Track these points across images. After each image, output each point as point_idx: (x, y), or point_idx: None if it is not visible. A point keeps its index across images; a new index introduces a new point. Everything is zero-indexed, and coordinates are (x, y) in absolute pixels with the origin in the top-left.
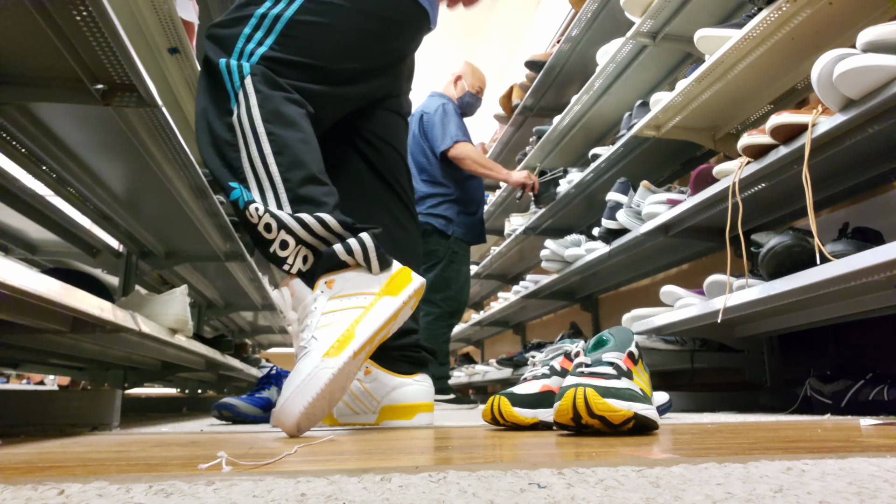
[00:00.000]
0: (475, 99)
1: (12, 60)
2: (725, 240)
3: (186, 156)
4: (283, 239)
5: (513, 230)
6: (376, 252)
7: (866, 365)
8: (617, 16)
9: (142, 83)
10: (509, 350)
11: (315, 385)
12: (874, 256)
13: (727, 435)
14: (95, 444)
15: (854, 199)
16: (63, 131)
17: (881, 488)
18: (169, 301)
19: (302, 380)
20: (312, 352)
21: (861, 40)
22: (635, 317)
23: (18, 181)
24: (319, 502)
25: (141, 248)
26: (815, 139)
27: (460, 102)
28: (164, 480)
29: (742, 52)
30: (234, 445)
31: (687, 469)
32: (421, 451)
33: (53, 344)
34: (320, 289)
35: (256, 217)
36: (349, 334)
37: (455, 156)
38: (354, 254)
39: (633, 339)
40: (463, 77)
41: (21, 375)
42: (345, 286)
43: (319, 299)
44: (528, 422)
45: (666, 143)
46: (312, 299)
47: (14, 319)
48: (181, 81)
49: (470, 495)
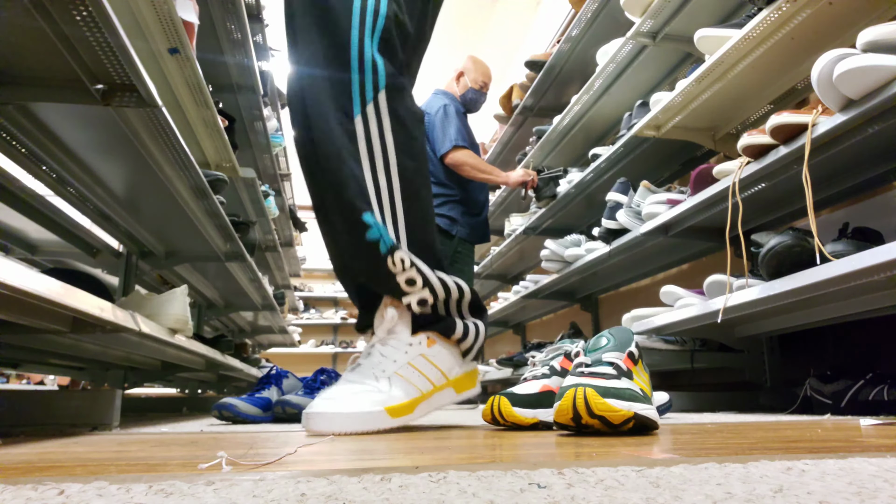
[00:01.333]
0: (479, 95)
1: (12, 60)
2: (725, 240)
3: (186, 156)
4: (420, 286)
5: (513, 230)
6: (479, 348)
7: (866, 365)
8: (617, 16)
9: (142, 83)
10: (509, 350)
11: (363, 424)
12: (874, 256)
13: (727, 435)
14: (95, 444)
15: (854, 199)
16: (63, 131)
17: (881, 488)
18: (169, 301)
19: (357, 410)
20: (383, 393)
21: (861, 40)
22: (635, 317)
23: (18, 181)
24: (319, 502)
25: (141, 248)
26: (815, 139)
27: (463, 100)
28: (164, 480)
29: (742, 52)
30: (234, 445)
31: (687, 469)
32: (421, 451)
33: (53, 344)
34: (420, 340)
35: (401, 267)
36: (412, 405)
37: (452, 163)
38: (468, 338)
39: (633, 339)
40: (465, 73)
41: (21, 375)
42: (438, 356)
43: (416, 347)
44: (528, 422)
45: (666, 143)
46: (409, 343)
47: (14, 319)
48: (181, 81)
49: (470, 495)
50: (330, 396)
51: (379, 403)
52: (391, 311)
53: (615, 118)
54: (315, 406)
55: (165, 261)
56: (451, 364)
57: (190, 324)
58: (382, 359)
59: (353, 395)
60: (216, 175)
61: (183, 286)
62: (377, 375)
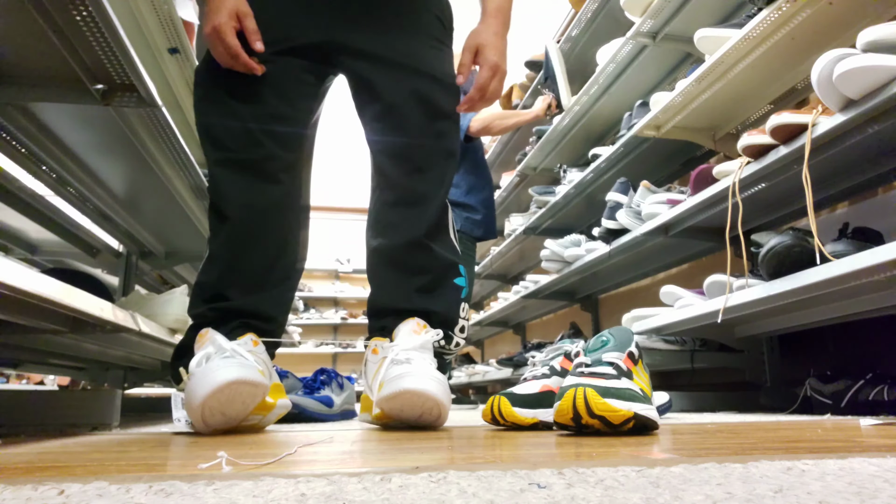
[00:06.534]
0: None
1: (12, 60)
2: (725, 240)
3: (186, 156)
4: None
5: (513, 230)
6: None
7: (866, 365)
8: (617, 16)
9: (142, 83)
10: (509, 350)
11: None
12: (874, 256)
13: (727, 435)
14: (95, 444)
15: (854, 199)
16: (63, 131)
17: (881, 488)
18: (169, 301)
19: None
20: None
21: (861, 40)
22: (635, 317)
23: (18, 181)
24: (319, 502)
25: (141, 248)
26: (815, 139)
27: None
28: (164, 480)
29: (742, 52)
30: (234, 445)
31: (687, 469)
32: (421, 451)
33: (53, 344)
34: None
35: (464, 313)
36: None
37: (478, 129)
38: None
39: (633, 339)
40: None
41: (21, 375)
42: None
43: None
44: (528, 422)
45: (666, 143)
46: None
47: (14, 319)
48: (181, 81)
49: (470, 495)
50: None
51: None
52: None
53: (615, 118)
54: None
55: (165, 261)
56: None
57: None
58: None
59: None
60: None
61: (183, 286)
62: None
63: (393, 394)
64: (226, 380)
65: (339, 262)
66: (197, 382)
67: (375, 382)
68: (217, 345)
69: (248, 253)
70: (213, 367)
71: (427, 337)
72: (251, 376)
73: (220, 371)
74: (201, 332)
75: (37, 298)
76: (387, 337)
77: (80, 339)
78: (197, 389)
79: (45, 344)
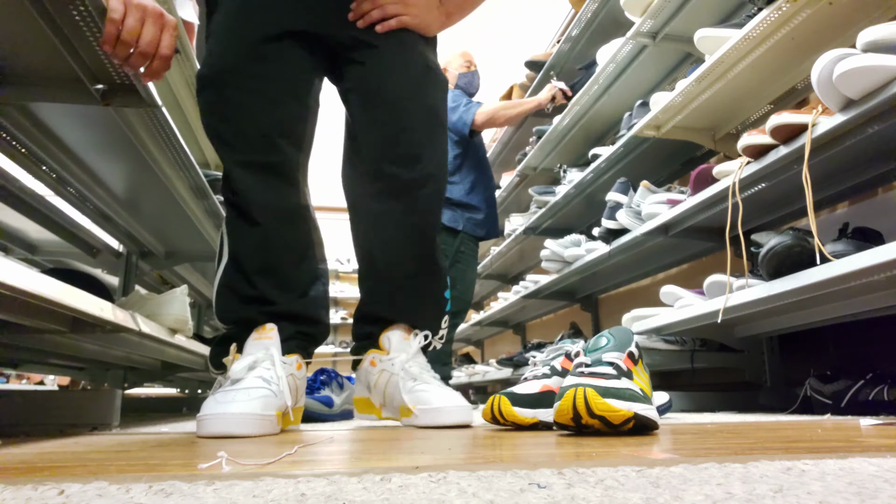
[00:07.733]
0: (470, 75)
1: (12, 60)
2: (725, 240)
3: (186, 156)
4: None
5: (513, 230)
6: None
7: (866, 365)
8: (617, 16)
9: (141, 83)
10: (509, 350)
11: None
12: (874, 256)
13: (727, 435)
14: (95, 444)
15: (854, 199)
16: (63, 131)
17: (881, 488)
18: (169, 301)
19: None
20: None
21: (861, 40)
22: (635, 317)
23: (18, 181)
24: (319, 502)
25: (141, 248)
26: (815, 139)
27: (461, 88)
28: (164, 480)
29: (742, 52)
30: (234, 445)
31: (687, 469)
32: (421, 451)
33: (53, 344)
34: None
35: (444, 325)
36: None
37: (483, 121)
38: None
39: (633, 339)
40: (447, 66)
41: (21, 375)
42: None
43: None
44: (528, 422)
45: (666, 143)
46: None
47: (14, 319)
48: (181, 81)
49: (470, 495)
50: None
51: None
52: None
53: (615, 118)
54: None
55: (165, 261)
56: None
57: (190, 324)
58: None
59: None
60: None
61: (183, 286)
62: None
63: (430, 425)
64: (238, 417)
65: (338, 262)
66: (212, 411)
67: (389, 394)
68: (261, 363)
69: (279, 256)
70: (229, 400)
71: (416, 343)
72: (265, 421)
73: (234, 405)
74: (265, 326)
75: (37, 298)
76: (374, 345)
77: (80, 339)
78: (209, 426)
79: (45, 344)
